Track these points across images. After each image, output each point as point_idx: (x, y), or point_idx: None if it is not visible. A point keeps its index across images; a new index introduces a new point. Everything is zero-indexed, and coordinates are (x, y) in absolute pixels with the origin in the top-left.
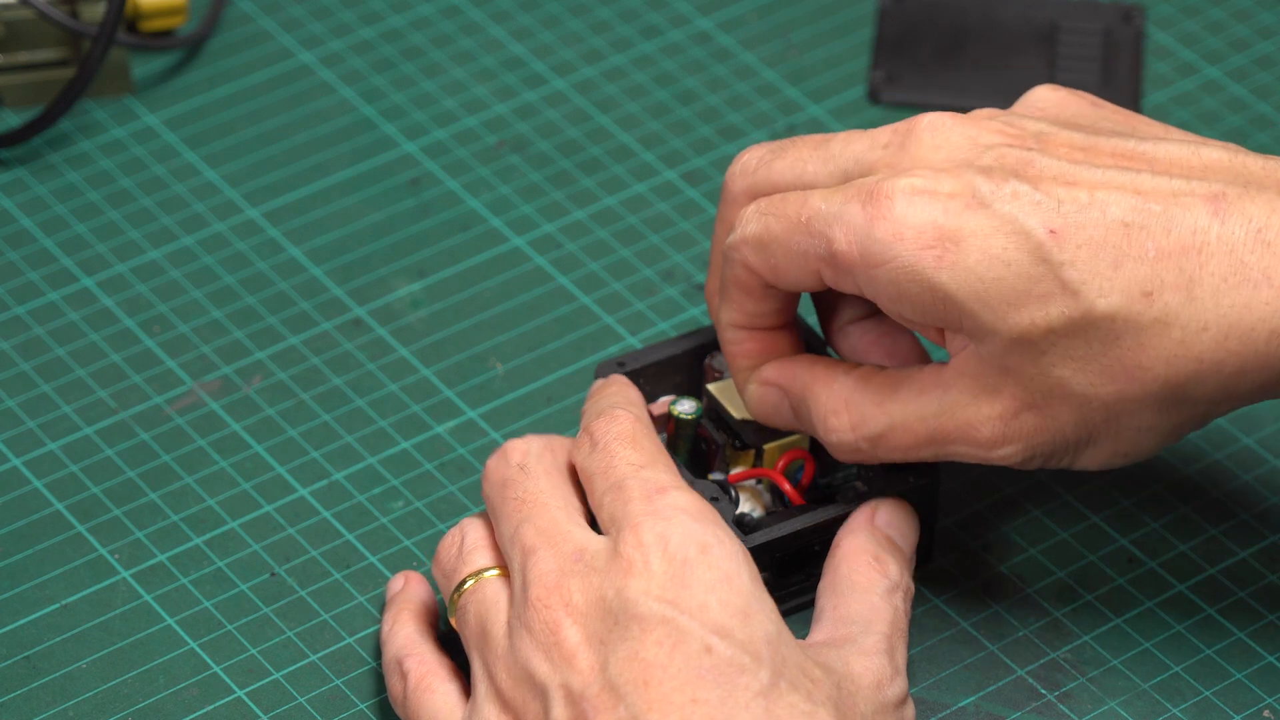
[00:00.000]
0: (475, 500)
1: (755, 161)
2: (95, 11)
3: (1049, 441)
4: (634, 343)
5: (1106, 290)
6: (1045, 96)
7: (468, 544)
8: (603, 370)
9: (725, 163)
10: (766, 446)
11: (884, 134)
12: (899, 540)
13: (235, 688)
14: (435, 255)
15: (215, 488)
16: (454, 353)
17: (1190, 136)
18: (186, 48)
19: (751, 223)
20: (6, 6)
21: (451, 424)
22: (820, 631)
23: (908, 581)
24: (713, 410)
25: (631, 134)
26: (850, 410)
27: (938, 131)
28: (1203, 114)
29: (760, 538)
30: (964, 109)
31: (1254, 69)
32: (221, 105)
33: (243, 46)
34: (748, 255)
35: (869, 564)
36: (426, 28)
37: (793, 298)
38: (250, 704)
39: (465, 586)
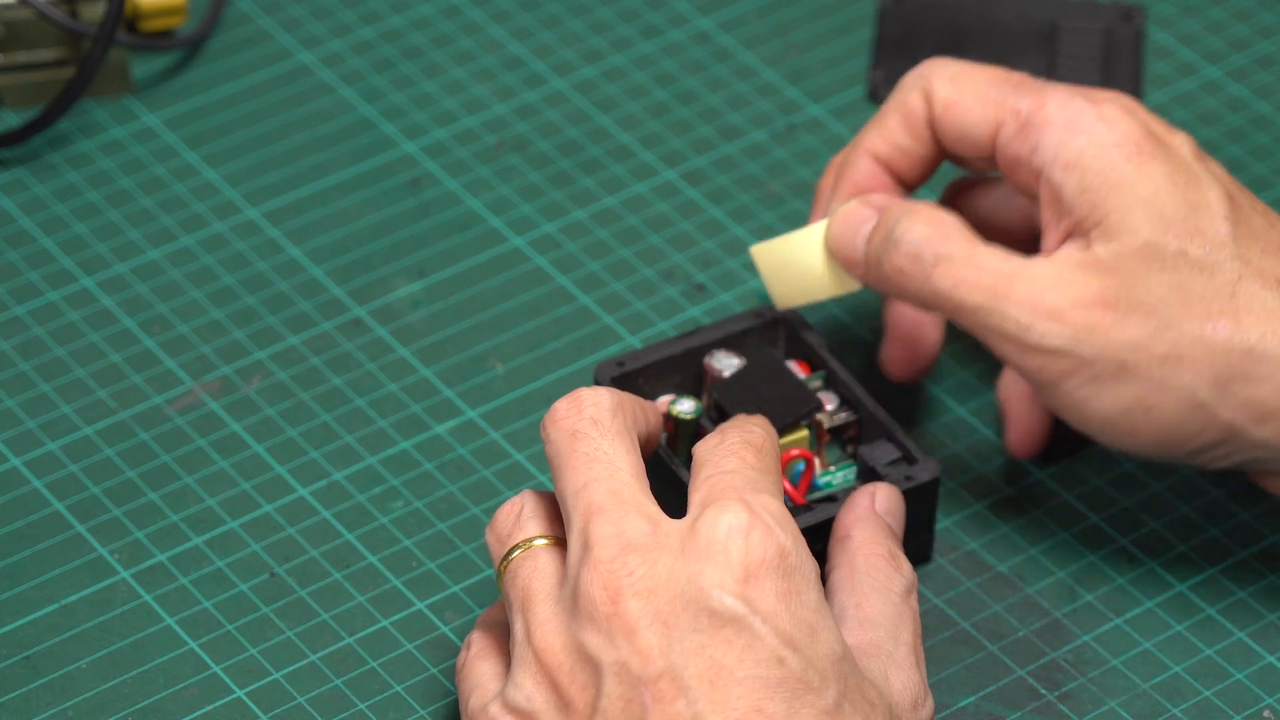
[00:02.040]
0: (475, 500)
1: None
2: (95, 11)
3: (1096, 345)
4: (634, 343)
5: (1240, 254)
6: None
7: (526, 512)
8: (602, 370)
9: (725, 163)
10: None
11: None
12: (895, 530)
13: (235, 688)
14: (435, 255)
15: (215, 488)
16: (454, 353)
17: None
18: (186, 48)
19: (950, 63)
20: (6, 6)
21: (451, 424)
22: (846, 633)
23: (915, 577)
24: (713, 410)
25: (631, 134)
26: (938, 228)
27: None
28: (1203, 114)
29: None
30: None
31: (1254, 69)
32: (221, 105)
33: (243, 46)
34: (933, 81)
35: (885, 559)
36: (426, 28)
37: (932, 162)
38: (250, 704)
39: (517, 552)
